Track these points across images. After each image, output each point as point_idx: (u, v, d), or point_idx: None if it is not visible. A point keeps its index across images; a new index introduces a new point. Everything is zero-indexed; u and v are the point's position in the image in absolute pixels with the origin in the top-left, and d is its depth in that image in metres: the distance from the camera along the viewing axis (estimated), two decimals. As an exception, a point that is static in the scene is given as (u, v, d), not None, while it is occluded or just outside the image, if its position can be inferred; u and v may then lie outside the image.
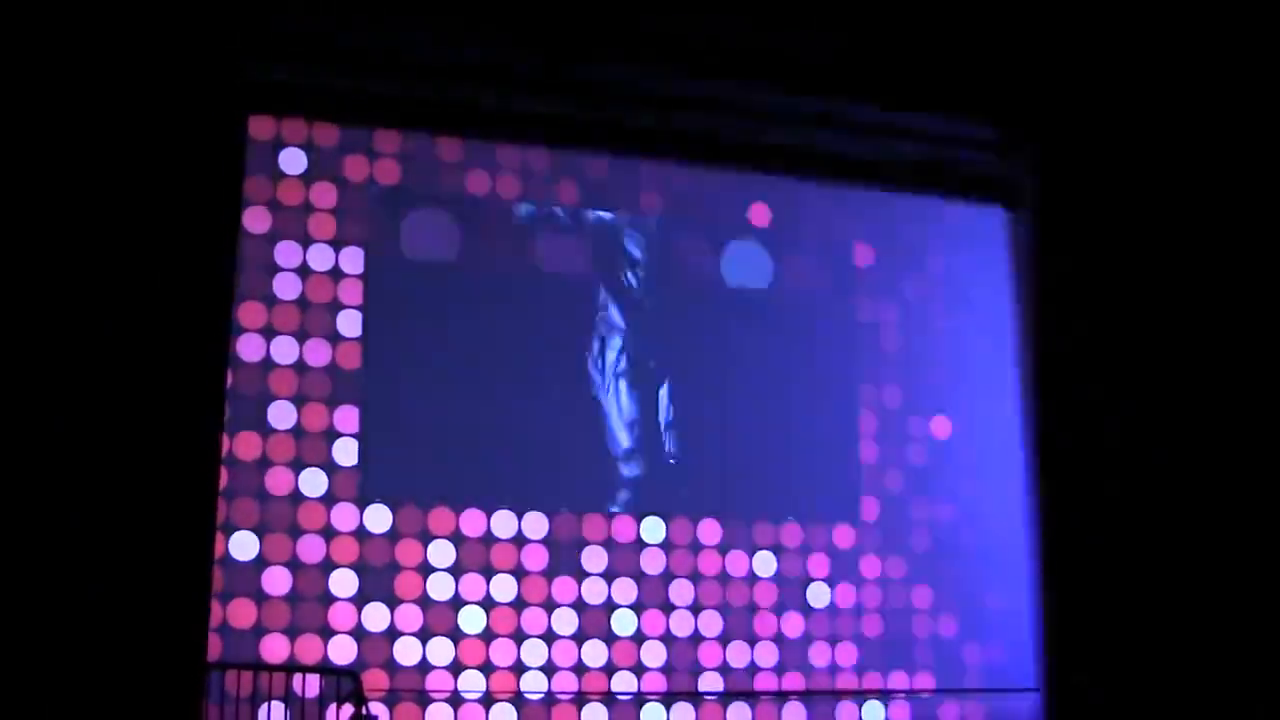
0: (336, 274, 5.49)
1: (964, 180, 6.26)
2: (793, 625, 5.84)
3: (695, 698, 5.64)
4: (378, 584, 5.32)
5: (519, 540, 5.54)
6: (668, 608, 5.69)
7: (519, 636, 5.46)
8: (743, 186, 6.07)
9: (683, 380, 5.90)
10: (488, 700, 5.36)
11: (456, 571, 5.44)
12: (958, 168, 6.22)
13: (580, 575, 5.60)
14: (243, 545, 5.20)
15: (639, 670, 5.60)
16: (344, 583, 5.29)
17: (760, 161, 6.03)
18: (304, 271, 5.44)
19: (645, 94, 5.71)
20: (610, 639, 5.59)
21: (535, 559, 5.55)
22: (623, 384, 5.80)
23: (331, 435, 5.38)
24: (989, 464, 6.16)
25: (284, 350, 5.38)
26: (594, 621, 5.58)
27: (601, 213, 5.88)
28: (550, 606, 5.53)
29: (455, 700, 5.32)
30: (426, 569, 5.41)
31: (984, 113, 5.87)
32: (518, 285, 5.68)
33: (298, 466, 5.31)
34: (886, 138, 6.04)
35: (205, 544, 4.72)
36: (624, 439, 5.76)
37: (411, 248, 5.58)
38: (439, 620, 5.38)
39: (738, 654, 5.74)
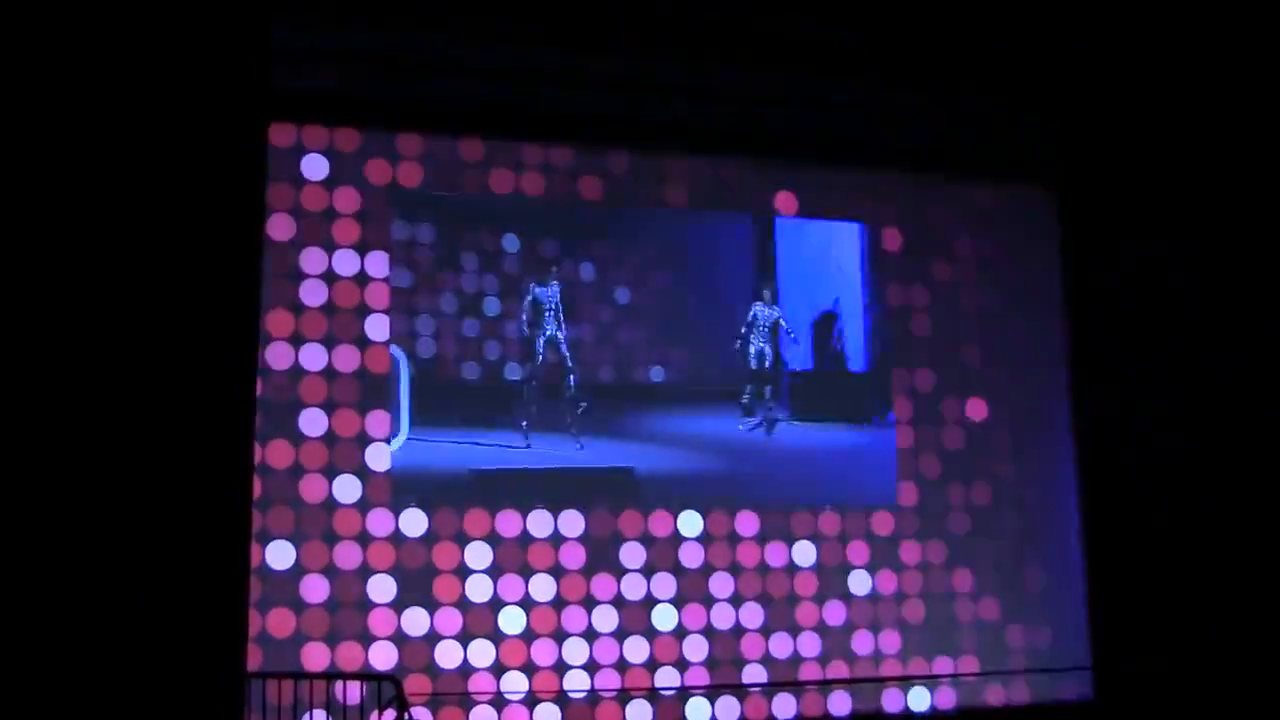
0: (363, 278, 5.42)
1: (994, 161, 6.19)
2: (835, 614, 5.76)
3: (740, 690, 5.57)
4: (416, 588, 5.25)
5: (556, 539, 5.47)
6: (708, 601, 5.62)
7: (560, 635, 5.40)
8: (768, 175, 5.99)
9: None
10: (531, 700, 5.29)
11: (494, 573, 5.37)
12: (987, 149, 6.14)
13: (619, 572, 5.52)
14: (279, 554, 5.14)
15: (682, 665, 5.53)
16: (382, 588, 5.23)
17: (785, 148, 5.97)
18: (330, 277, 5.38)
19: (666, 84, 5.65)
20: (652, 634, 5.52)
21: (573, 557, 5.48)
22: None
23: (363, 440, 5.31)
24: (1027, 444, 6.08)
25: (313, 357, 5.33)
26: (634, 618, 5.51)
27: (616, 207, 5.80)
28: (590, 604, 5.46)
29: (499, 702, 5.26)
30: (464, 571, 5.34)
31: (1015, 91, 5.78)
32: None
33: (331, 473, 5.25)
34: (912, 120, 5.96)
35: (241, 553, 4.57)
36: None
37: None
38: (479, 622, 5.32)
39: (780, 645, 5.67)
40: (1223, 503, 5.52)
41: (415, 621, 5.24)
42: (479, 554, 5.37)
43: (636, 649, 5.49)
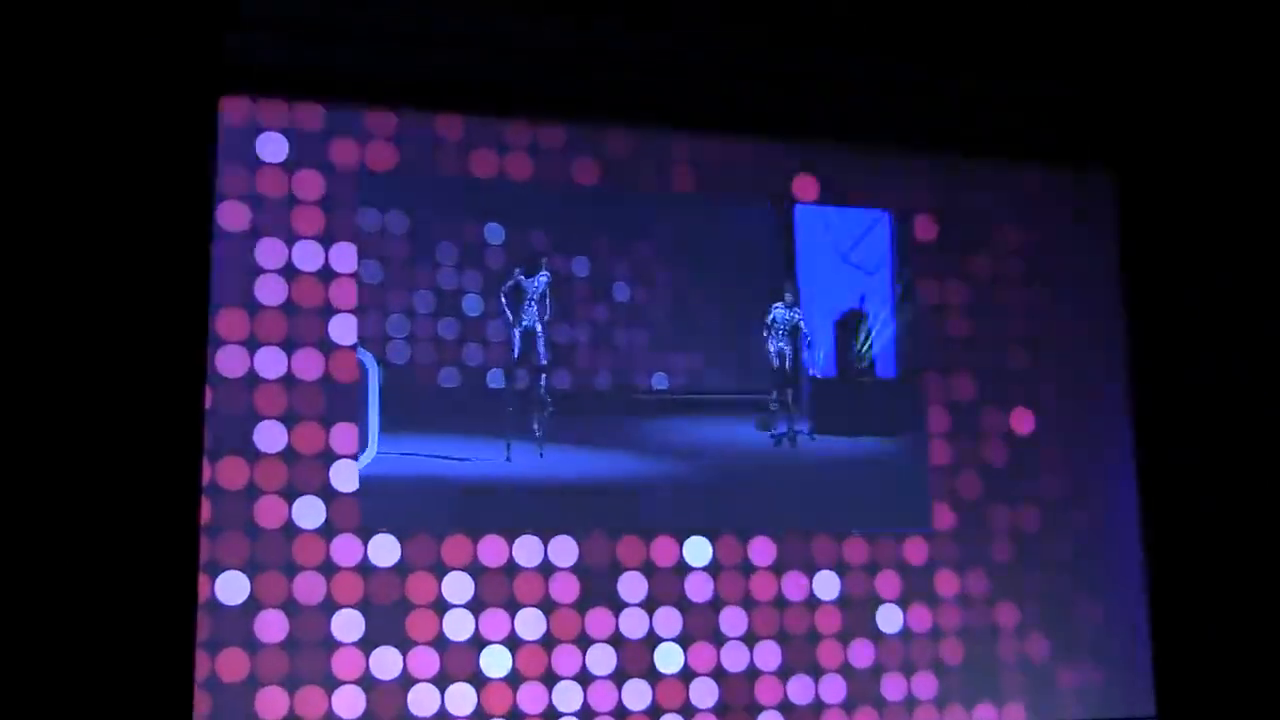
0: (327, 274, 5.35)
1: (1040, 142, 6.15)
2: (861, 654, 5.71)
3: (754, 741, 5.53)
4: (387, 625, 5.19)
5: (546, 568, 5.41)
6: (718, 639, 5.56)
7: (550, 679, 5.34)
8: (786, 157, 5.96)
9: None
10: (517, 753, 5.25)
11: (476, 607, 5.30)
12: (1036, 125, 6.09)
13: (617, 606, 5.47)
14: (231, 586, 5.05)
15: (688, 712, 5.47)
16: (349, 625, 5.16)
17: (804, 129, 5.94)
18: (289, 272, 5.31)
19: (670, 57, 5.62)
20: (654, 677, 5.46)
21: (565, 589, 5.41)
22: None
23: (328, 457, 5.24)
24: (1080, 461, 6.06)
25: (270, 363, 5.24)
26: (635, 658, 5.45)
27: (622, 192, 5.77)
28: (584, 643, 5.40)
29: (480, 755, 5.21)
30: (442, 605, 5.27)
31: (1067, 60, 5.73)
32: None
33: (290, 494, 5.18)
34: (949, 98, 5.94)
35: (187, 586, 4.65)
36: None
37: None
38: (458, 664, 5.25)
39: (800, 689, 5.61)
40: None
41: (386, 663, 5.18)
42: (459, 586, 5.30)
43: (637, 694, 5.44)
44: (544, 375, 5.55)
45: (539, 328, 5.56)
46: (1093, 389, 6.07)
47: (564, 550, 5.43)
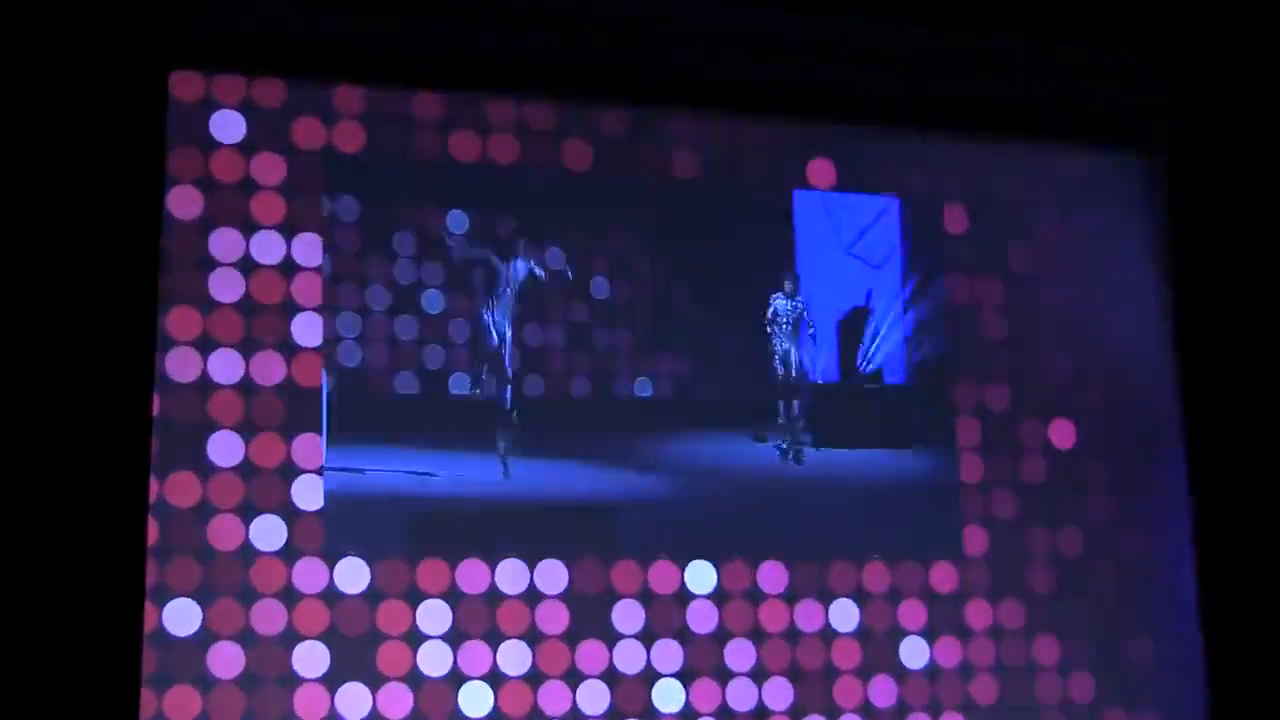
0: (289, 267, 5.34)
1: (1083, 121, 6.14)
2: (883, 692, 5.69)
3: (763, 789, 5.53)
4: (355, 658, 5.17)
5: (532, 596, 5.40)
6: (723, 675, 5.54)
7: (536, 719, 5.31)
8: (801, 138, 5.97)
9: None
10: (500, 801, 5.25)
11: (454, 639, 5.29)
12: (1075, 105, 6.09)
13: (611, 638, 5.45)
14: (181, 616, 5.02)
15: None
16: (312, 659, 5.14)
17: (821, 108, 5.94)
18: (247, 266, 5.29)
19: (671, 26, 5.62)
20: (652, 717, 5.44)
21: (553, 619, 5.40)
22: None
23: (289, 471, 5.22)
24: (1128, 478, 6.05)
25: (225, 366, 5.22)
26: (631, 696, 5.43)
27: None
28: (575, 679, 5.38)
29: (458, 803, 5.21)
30: (416, 637, 5.25)
31: (1114, 27, 5.74)
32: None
33: (248, 513, 5.16)
34: (980, 72, 5.96)
35: (132, 616, 4.65)
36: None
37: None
38: (434, 702, 5.23)
39: None
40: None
41: (354, 701, 5.15)
42: (435, 615, 5.28)
43: (632, 737, 5.44)
44: (508, 383, 5.53)
45: (506, 322, 5.56)
46: (1141, 397, 6.08)
47: (552, 576, 5.40)
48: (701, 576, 5.57)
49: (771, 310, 5.86)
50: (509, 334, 5.57)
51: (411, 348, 5.49)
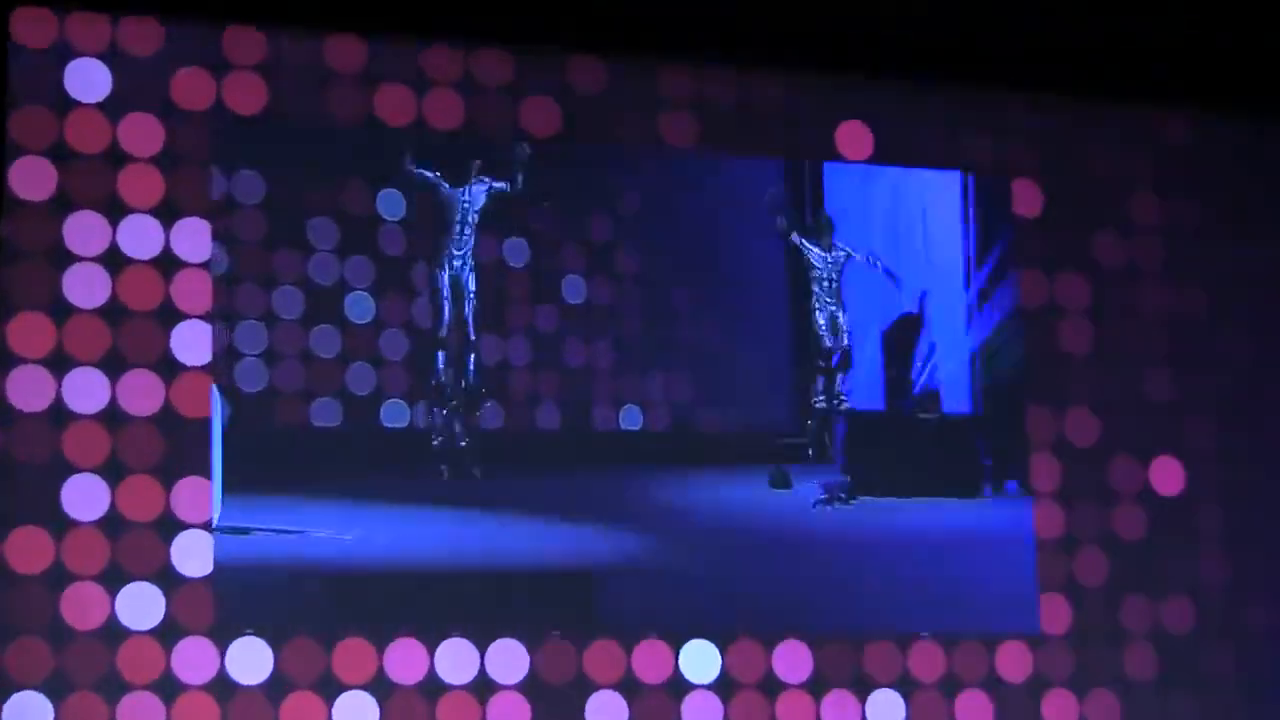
0: (169, 262, 5.28)
1: (1193, 77, 6.15)
2: None
3: None
4: None
5: (482, 686, 5.34)
6: None
7: None
8: (828, 97, 5.99)
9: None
10: None
11: None
12: (1179, 58, 6.10)
13: None
14: (26, 716, 4.94)
15: None
16: None
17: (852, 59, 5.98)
18: (114, 261, 5.22)
19: None
20: None
21: (511, 715, 5.35)
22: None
23: (169, 527, 5.15)
24: (1250, 533, 6.07)
25: (85, 391, 5.14)
26: None
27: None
28: None
29: None
30: None
31: None
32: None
33: (114, 580, 5.08)
34: (1054, 12, 5.97)
35: None
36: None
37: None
38: None
39: None
40: None
41: None
42: (357, 713, 5.23)
43: None
44: (470, 397, 5.56)
45: (468, 300, 5.61)
46: (1265, 430, 6.11)
47: (507, 660, 5.36)
48: (701, 661, 5.54)
49: (809, 264, 5.94)
50: (471, 301, 5.57)
51: (332, 366, 5.47)
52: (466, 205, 5.59)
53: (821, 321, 5.93)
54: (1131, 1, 5.96)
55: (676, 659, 5.51)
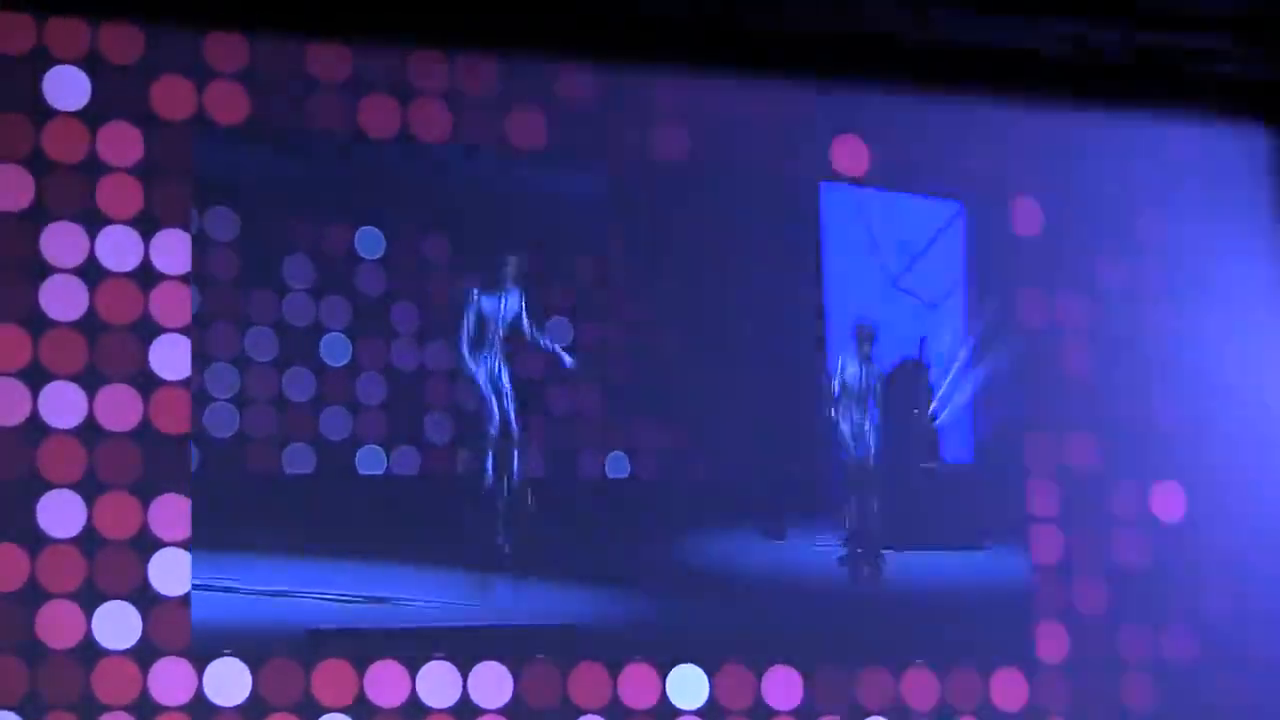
0: (148, 275, 5.28)
1: (1191, 88, 6.19)
2: None
3: None
4: None
5: (464, 711, 5.32)
6: None
7: None
8: (824, 111, 5.99)
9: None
10: None
11: None
12: (1184, 62, 6.12)
13: None
14: None
15: None
16: None
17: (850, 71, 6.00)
18: (92, 273, 5.23)
19: None
20: None
21: None
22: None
23: (147, 545, 5.15)
24: (1251, 561, 6.05)
25: (61, 405, 5.15)
26: None
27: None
28: None
29: None
30: None
31: None
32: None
33: (90, 600, 5.08)
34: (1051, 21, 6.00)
35: None
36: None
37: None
38: None
39: None
40: None
41: None
42: None
43: None
44: (515, 451, 5.55)
45: (503, 374, 5.61)
46: (1274, 454, 6.10)
47: (491, 684, 5.35)
48: (688, 686, 5.54)
49: (839, 381, 5.93)
50: (508, 396, 5.58)
51: (307, 411, 5.48)
52: (501, 313, 5.59)
53: (847, 433, 5.90)
54: (1133, 16, 5.97)
55: (664, 683, 5.51)
